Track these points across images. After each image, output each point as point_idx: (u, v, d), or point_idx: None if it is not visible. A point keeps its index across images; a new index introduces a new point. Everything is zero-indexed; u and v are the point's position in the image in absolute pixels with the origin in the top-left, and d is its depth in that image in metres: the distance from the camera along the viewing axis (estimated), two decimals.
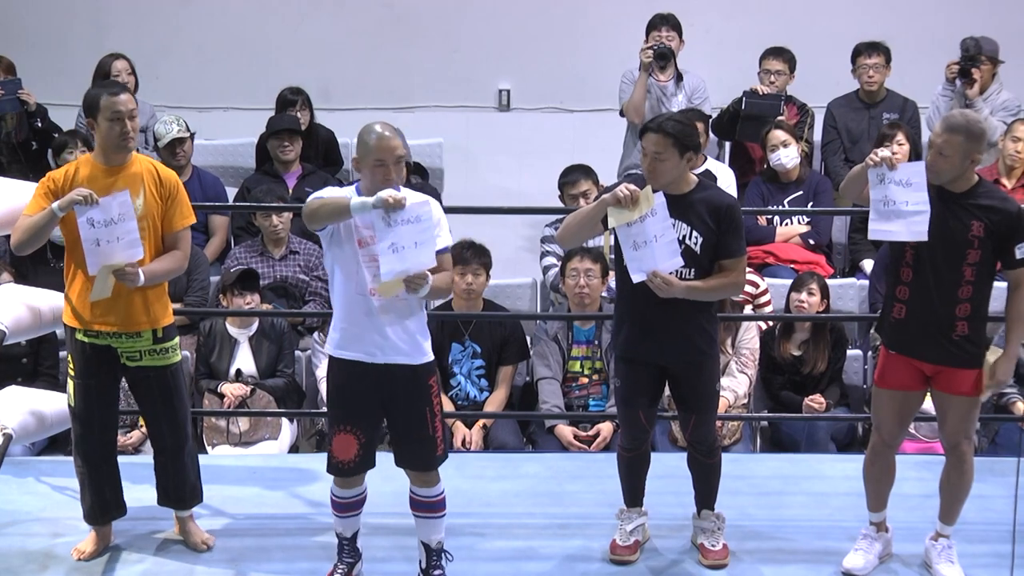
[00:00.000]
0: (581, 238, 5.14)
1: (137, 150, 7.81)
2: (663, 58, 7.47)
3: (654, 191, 4.71)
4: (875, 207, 4.75)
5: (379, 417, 4.80)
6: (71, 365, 4.97)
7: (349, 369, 4.71)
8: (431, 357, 4.76)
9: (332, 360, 4.77)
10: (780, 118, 7.48)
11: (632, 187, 4.70)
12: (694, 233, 4.76)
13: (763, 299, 6.85)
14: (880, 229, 4.77)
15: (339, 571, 4.96)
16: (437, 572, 4.92)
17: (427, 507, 4.86)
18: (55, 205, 4.72)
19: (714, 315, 4.95)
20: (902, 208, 4.69)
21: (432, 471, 4.82)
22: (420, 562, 4.96)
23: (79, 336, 4.92)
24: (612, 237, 4.83)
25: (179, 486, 5.13)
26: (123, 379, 5.06)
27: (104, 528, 5.12)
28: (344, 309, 4.68)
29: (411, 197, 4.55)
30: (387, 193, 4.44)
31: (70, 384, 4.98)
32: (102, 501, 5.08)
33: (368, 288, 4.61)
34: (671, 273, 4.71)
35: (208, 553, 5.13)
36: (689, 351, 4.85)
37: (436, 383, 4.79)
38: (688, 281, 4.75)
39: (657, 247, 4.68)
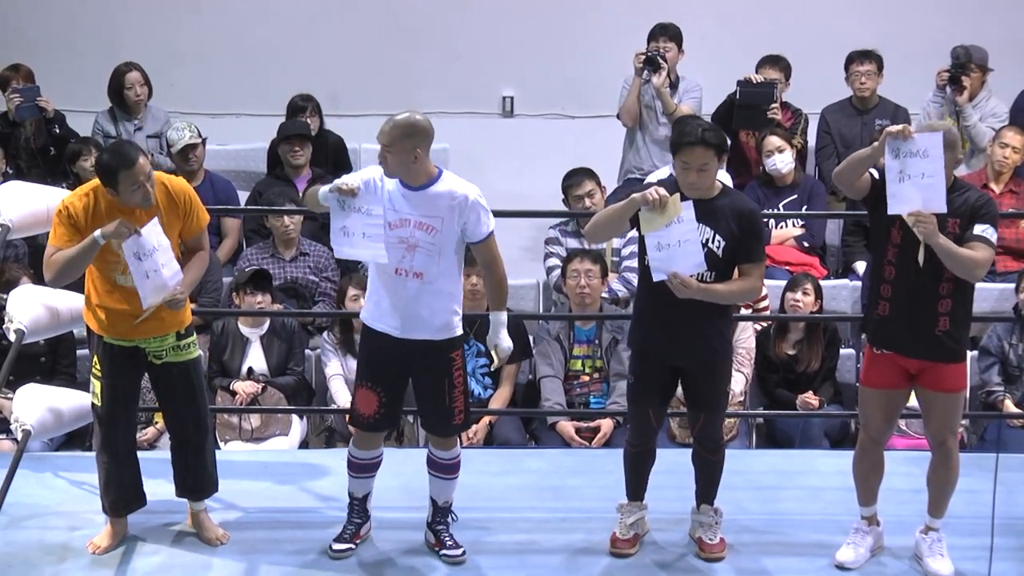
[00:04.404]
0: (609, 234, 5.30)
1: (152, 155, 8.01)
2: (651, 63, 7.61)
3: (693, 199, 4.79)
4: (891, 182, 4.71)
5: (403, 382, 5.01)
6: (97, 366, 5.00)
7: (377, 338, 4.94)
8: (457, 333, 4.95)
9: (364, 327, 5.00)
10: (774, 110, 7.54)
11: (662, 191, 4.75)
12: (717, 237, 4.83)
13: (762, 304, 6.91)
14: (900, 205, 4.70)
15: (347, 531, 5.14)
16: (441, 527, 5.13)
17: (441, 468, 5.09)
18: (97, 234, 4.72)
19: (730, 318, 5.02)
20: (918, 181, 4.65)
21: (449, 438, 5.03)
22: (427, 516, 5.17)
23: (106, 339, 4.97)
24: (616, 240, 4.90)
25: (198, 477, 5.19)
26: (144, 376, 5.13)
27: (120, 521, 5.18)
28: (377, 283, 4.93)
29: (449, 183, 4.87)
30: (341, 180, 4.77)
31: (96, 384, 5.02)
32: (125, 494, 5.15)
33: (396, 268, 4.83)
34: (691, 276, 4.79)
35: (221, 546, 5.18)
36: (704, 350, 4.92)
37: (460, 357, 4.98)
38: (706, 284, 4.82)
39: (680, 251, 4.75)
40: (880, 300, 4.88)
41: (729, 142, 7.93)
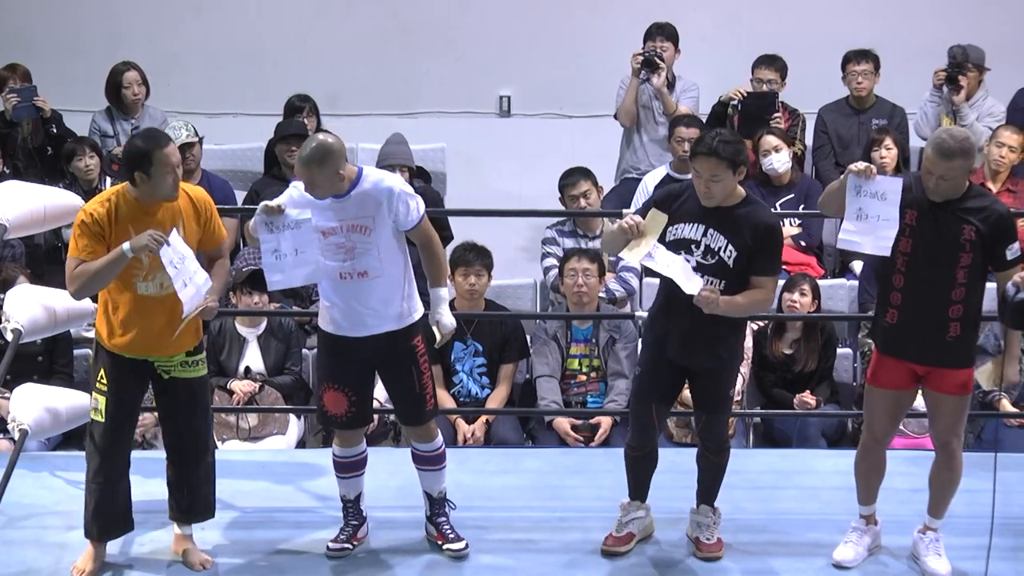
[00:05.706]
0: (615, 251, 5.32)
1: None
2: (649, 65, 7.64)
3: (709, 207, 4.79)
4: (849, 217, 4.80)
5: (370, 377, 5.02)
6: (102, 379, 4.85)
7: (337, 341, 4.95)
8: (415, 317, 4.97)
9: (321, 331, 5.00)
10: (777, 119, 7.56)
11: (636, 218, 4.78)
12: (729, 246, 4.81)
13: None
14: (849, 240, 4.83)
15: (344, 533, 5.14)
16: (441, 519, 5.14)
17: (427, 460, 5.10)
18: (126, 247, 4.63)
19: (740, 327, 5.03)
20: (873, 222, 4.75)
21: (425, 424, 5.03)
22: (425, 511, 5.18)
23: (114, 351, 4.84)
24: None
25: (193, 498, 5.04)
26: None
27: (102, 545, 5.01)
28: (327, 291, 4.95)
29: (372, 179, 4.86)
30: (266, 201, 4.83)
31: (100, 400, 4.85)
32: (116, 516, 4.99)
33: (339, 272, 4.85)
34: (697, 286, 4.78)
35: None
36: (709, 357, 4.94)
37: (421, 342, 4.98)
38: (727, 298, 4.79)
39: (678, 273, 4.77)
40: (889, 308, 4.88)
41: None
